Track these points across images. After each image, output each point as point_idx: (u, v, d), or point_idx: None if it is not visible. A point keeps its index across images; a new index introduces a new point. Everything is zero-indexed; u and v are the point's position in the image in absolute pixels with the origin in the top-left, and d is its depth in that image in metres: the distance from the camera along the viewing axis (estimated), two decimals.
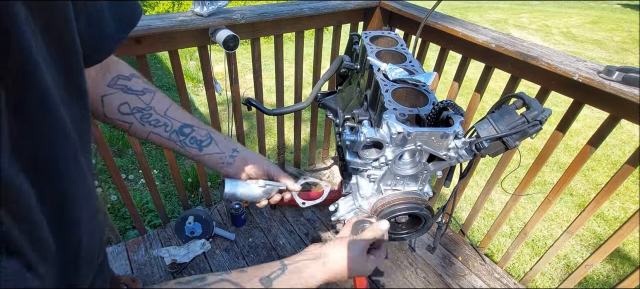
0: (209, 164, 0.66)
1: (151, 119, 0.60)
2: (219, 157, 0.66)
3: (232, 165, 0.67)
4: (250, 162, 0.69)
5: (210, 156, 0.65)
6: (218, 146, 0.66)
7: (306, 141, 2.69)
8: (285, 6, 1.43)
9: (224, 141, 0.67)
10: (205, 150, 0.65)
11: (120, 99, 0.58)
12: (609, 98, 1.02)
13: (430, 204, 0.92)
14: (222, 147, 0.67)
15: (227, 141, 0.68)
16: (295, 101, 1.80)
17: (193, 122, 0.65)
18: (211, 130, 0.66)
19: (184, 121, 0.64)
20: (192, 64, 4.43)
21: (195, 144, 0.64)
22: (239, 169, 0.68)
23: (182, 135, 0.63)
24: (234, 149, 0.68)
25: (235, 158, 0.68)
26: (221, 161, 0.66)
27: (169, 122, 0.62)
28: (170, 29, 1.16)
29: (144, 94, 0.60)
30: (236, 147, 0.69)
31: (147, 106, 0.60)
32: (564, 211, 2.55)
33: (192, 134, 0.64)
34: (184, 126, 0.63)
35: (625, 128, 3.55)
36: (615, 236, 1.19)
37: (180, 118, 0.63)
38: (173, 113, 0.63)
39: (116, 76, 0.58)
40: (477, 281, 1.60)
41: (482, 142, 0.80)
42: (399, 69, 0.93)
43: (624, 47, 6.19)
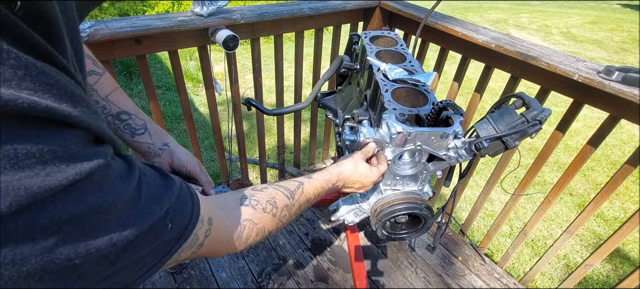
0: (138, 151, 0.70)
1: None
2: (147, 147, 0.70)
3: (159, 157, 0.71)
4: (176, 159, 0.72)
5: (140, 145, 0.69)
6: (151, 137, 0.69)
7: (306, 141, 2.69)
8: (285, 6, 1.43)
9: (158, 133, 0.71)
10: (137, 138, 0.68)
11: None
12: (608, 98, 1.02)
13: (430, 204, 0.92)
14: (154, 139, 0.70)
15: (160, 133, 0.71)
16: (295, 101, 1.80)
17: (132, 111, 0.67)
18: (150, 122, 0.70)
19: (123, 107, 0.66)
20: (192, 64, 4.43)
21: (129, 130, 0.67)
22: (164, 161, 0.71)
23: (118, 120, 0.66)
24: (165, 143, 0.72)
25: (163, 151, 0.71)
26: (149, 151, 0.70)
27: (108, 106, 0.65)
28: (170, 29, 1.16)
29: (90, 76, 0.63)
30: (168, 141, 0.72)
31: (90, 87, 0.62)
32: (563, 211, 2.55)
33: (128, 121, 0.67)
34: (122, 113, 0.66)
35: (625, 128, 3.55)
36: (615, 236, 1.19)
37: (120, 104, 0.66)
38: (115, 98, 0.66)
39: None
40: (477, 281, 1.60)
41: (482, 142, 0.80)
42: (399, 69, 0.93)
43: (624, 47, 6.20)
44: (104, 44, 1.12)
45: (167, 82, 3.91)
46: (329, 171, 0.72)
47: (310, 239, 1.74)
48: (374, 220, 0.93)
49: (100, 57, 1.17)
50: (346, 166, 0.75)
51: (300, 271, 1.60)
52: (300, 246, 1.71)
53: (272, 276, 1.57)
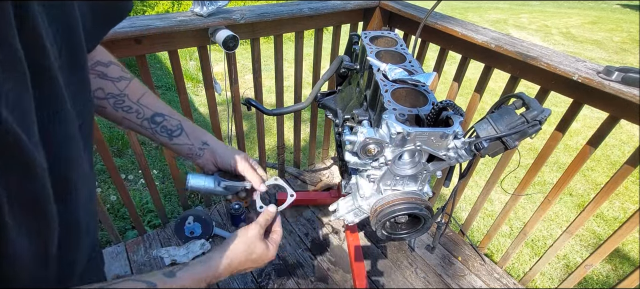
0: (179, 153, 0.68)
1: (124, 106, 0.62)
2: (188, 149, 0.67)
3: (201, 157, 0.68)
4: (218, 157, 0.69)
5: (180, 147, 0.67)
6: (188, 137, 0.67)
7: (306, 141, 2.69)
8: (285, 6, 1.43)
9: (195, 132, 0.68)
10: (175, 140, 0.66)
11: (96, 84, 0.59)
12: (608, 98, 1.02)
13: (429, 204, 0.92)
14: (192, 139, 0.67)
15: (198, 132, 0.69)
16: (295, 101, 1.80)
17: (165, 111, 0.66)
18: (183, 120, 0.68)
19: (156, 109, 0.65)
20: (192, 64, 4.43)
21: (166, 133, 0.65)
22: (208, 161, 0.69)
23: (153, 123, 0.64)
24: (204, 141, 0.69)
25: (204, 151, 0.68)
26: (190, 153, 0.68)
27: (141, 110, 0.63)
28: (170, 29, 1.16)
29: (120, 81, 0.62)
30: (206, 139, 0.69)
31: (121, 92, 0.61)
32: (563, 211, 2.55)
33: (163, 123, 0.65)
34: (156, 115, 0.65)
35: (625, 128, 3.55)
36: (615, 236, 1.19)
37: (152, 106, 0.64)
38: (146, 101, 0.64)
39: (95, 62, 0.60)
40: (477, 281, 1.60)
41: (482, 142, 0.80)
42: (399, 69, 0.93)
43: (624, 47, 6.20)
44: (104, 44, 1.11)
45: (167, 82, 3.91)
46: (208, 264, 0.53)
47: (310, 239, 1.74)
48: (373, 220, 0.93)
49: None
50: (237, 253, 0.58)
51: (300, 271, 1.60)
52: (300, 246, 1.71)
53: (272, 276, 1.57)
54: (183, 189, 0.78)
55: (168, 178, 2.52)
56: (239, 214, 1.72)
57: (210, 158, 0.69)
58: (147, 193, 2.26)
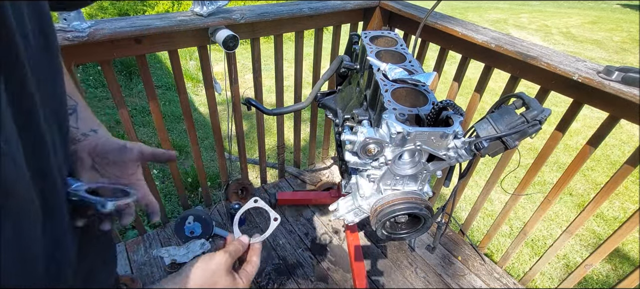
0: None
1: None
2: (70, 132, 0.53)
3: (79, 144, 0.54)
4: (100, 151, 0.54)
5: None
6: (77, 121, 0.55)
7: (306, 140, 2.69)
8: (285, 6, 1.43)
9: (88, 120, 0.56)
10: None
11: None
12: (608, 98, 1.02)
13: (429, 204, 0.92)
14: (80, 124, 0.55)
15: (92, 121, 0.57)
16: (295, 101, 1.80)
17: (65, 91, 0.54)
18: (82, 104, 0.56)
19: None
20: (192, 63, 4.43)
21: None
22: (84, 150, 0.54)
23: None
24: (93, 129, 0.56)
25: (87, 137, 0.54)
26: (71, 136, 0.53)
27: None
28: (170, 29, 1.16)
29: None
30: (96, 129, 0.56)
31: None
32: (563, 211, 2.55)
33: None
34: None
35: (625, 128, 3.55)
36: (615, 236, 1.19)
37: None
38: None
39: None
40: (477, 280, 1.60)
41: (482, 142, 0.80)
42: (399, 69, 0.93)
43: (624, 47, 6.20)
44: (104, 44, 1.12)
45: (167, 82, 3.91)
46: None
47: (310, 239, 1.74)
48: (373, 220, 0.93)
49: (100, 57, 1.18)
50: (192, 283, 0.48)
51: (300, 271, 1.60)
52: (300, 246, 1.71)
53: (272, 276, 1.57)
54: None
55: (168, 178, 2.52)
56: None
57: (88, 146, 0.54)
58: None
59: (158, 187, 2.21)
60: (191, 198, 2.30)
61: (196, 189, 2.36)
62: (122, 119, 1.35)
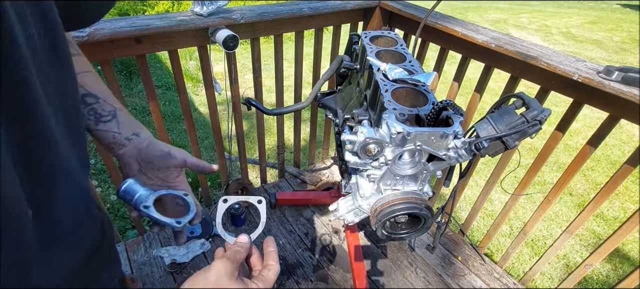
0: (102, 142, 0.57)
1: None
2: (112, 137, 0.56)
3: (125, 147, 0.57)
4: (145, 157, 0.57)
5: (105, 134, 0.56)
6: (118, 125, 0.57)
7: (306, 140, 2.69)
8: (285, 6, 1.43)
9: (129, 123, 0.58)
10: (101, 126, 0.56)
11: None
12: (608, 98, 1.02)
13: (429, 204, 0.92)
14: (122, 128, 0.57)
15: (132, 123, 0.58)
16: (295, 101, 1.80)
17: (101, 95, 0.57)
18: (121, 108, 0.58)
19: (90, 90, 0.56)
20: (192, 63, 4.43)
21: (93, 116, 0.56)
22: (130, 155, 0.57)
23: (83, 104, 0.55)
24: (136, 133, 0.57)
25: (131, 141, 0.57)
26: (114, 142, 0.57)
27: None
28: (170, 29, 1.16)
29: None
30: (139, 132, 0.58)
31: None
32: (563, 211, 2.55)
33: (93, 105, 0.56)
34: (88, 95, 0.55)
35: (625, 128, 3.55)
36: (615, 236, 1.19)
37: (88, 86, 0.56)
38: (82, 79, 0.55)
39: None
40: (477, 280, 1.60)
41: (482, 142, 0.80)
42: (399, 69, 0.93)
43: (624, 47, 6.20)
44: (104, 44, 1.12)
45: (167, 82, 3.91)
46: None
47: (310, 239, 1.74)
48: (373, 220, 0.93)
49: (100, 57, 1.18)
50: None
51: (300, 271, 1.60)
52: (300, 246, 1.71)
53: None
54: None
55: None
56: (239, 214, 1.72)
57: (133, 151, 0.57)
58: None
59: None
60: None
61: (196, 189, 2.36)
62: None
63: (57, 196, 0.37)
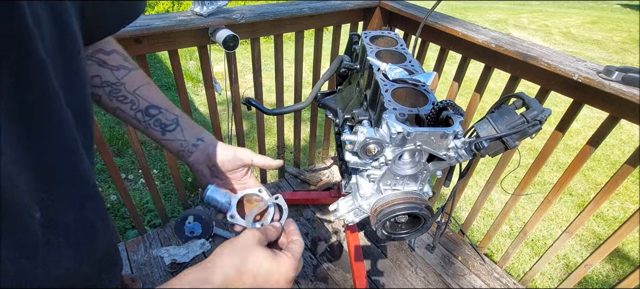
0: (171, 150, 0.61)
1: (119, 95, 0.57)
2: (179, 145, 0.60)
3: (192, 154, 0.60)
4: (215, 161, 0.60)
5: (171, 143, 0.60)
6: (183, 132, 0.60)
7: (306, 140, 2.69)
8: (285, 6, 1.43)
9: (191, 129, 0.61)
10: (168, 135, 0.59)
11: (93, 71, 0.56)
12: (608, 98, 1.02)
13: (429, 204, 0.92)
14: (187, 135, 0.60)
15: (195, 129, 0.62)
16: (295, 101, 1.80)
17: (162, 104, 0.60)
18: (181, 115, 0.61)
19: (152, 101, 0.59)
20: (192, 63, 4.43)
21: (159, 127, 0.59)
22: (199, 161, 0.60)
23: (147, 116, 0.58)
24: (200, 138, 0.61)
25: (197, 147, 0.60)
26: (181, 149, 0.60)
27: (136, 101, 0.58)
28: (170, 29, 1.16)
29: (118, 70, 0.58)
30: (202, 136, 0.61)
31: (118, 81, 0.57)
32: (563, 211, 2.55)
33: (157, 116, 0.59)
34: (151, 107, 0.59)
35: (625, 128, 3.55)
36: (615, 236, 1.19)
37: (149, 98, 0.59)
38: (143, 92, 0.59)
39: (97, 49, 0.57)
40: (477, 280, 1.60)
41: (482, 142, 0.80)
42: (399, 69, 0.93)
43: (624, 47, 6.20)
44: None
45: (167, 81, 3.91)
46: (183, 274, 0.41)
47: (310, 239, 1.74)
48: (373, 220, 0.93)
49: None
50: (225, 268, 0.42)
51: (300, 271, 1.60)
52: None
53: None
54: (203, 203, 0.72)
55: (168, 178, 2.52)
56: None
57: (201, 157, 0.60)
58: (147, 193, 2.27)
59: (158, 187, 2.21)
60: (191, 198, 2.30)
61: (196, 189, 2.36)
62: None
63: (70, 195, 0.38)
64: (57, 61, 0.34)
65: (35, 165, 0.31)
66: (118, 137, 2.83)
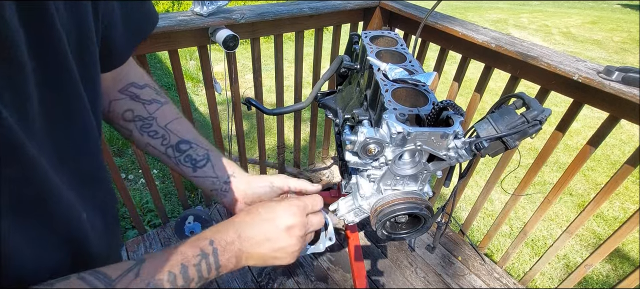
0: (202, 187, 0.60)
1: (150, 130, 0.57)
2: (211, 183, 0.59)
3: (227, 195, 0.59)
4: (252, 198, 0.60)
5: (203, 180, 0.59)
6: (214, 169, 0.59)
7: (306, 140, 2.69)
8: (285, 6, 1.43)
9: (222, 164, 0.60)
10: (199, 172, 0.58)
11: (126, 105, 0.57)
12: (608, 98, 1.02)
13: (430, 204, 0.92)
14: (218, 171, 0.59)
15: (225, 163, 0.61)
16: (295, 101, 1.80)
17: (193, 139, 0.59)
18: (212, 149, 0.60)
19: (183, 136, 0.59)
20: (192, 63, 4.43)
21: (190, 163, 0.58)
22: (237, 207, 0.60)
23: (178, 151, 0.58)
24: (231, 174, 0.60)
25: (229, 186, 0.60)
26: (214, 188, 0.59)
27: (167, 136, 0.58)
28: (170, 29, 1.16)
29: (151, 104, 0.58)
30: (233, 172, 0.60)
31: (149, 115, 0.57)
32: (563, 211, 2.55)
33: (188, 152, 0.58)
34: (182, 142, 0.58)
35: (625, 128, 3.55)
36: (615, 236, 1.19)
37: (180, 133, 0.58)
38: (174, 127, 0.58)
39: (130, 83, 0.58)
40: (477, 280, 1.60)
41: (482, 142, 0.80)
42: (399, 69, 0.93)
43: (624, 47, 6.20)
44: None
45: (167, 81, 3.91)
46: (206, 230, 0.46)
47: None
48: (373, 220, 0.93)
49: None
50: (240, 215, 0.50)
51: (300, 271, 1.60)
52: None
53: (272, 276, 1.57)
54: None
55: (168, 178, 2.52)
56: None
57: (238, 195, 0.59)
58: (147, 193, 2.26)
59: (158, 187, 2.21)
60: (191, 198, 2.30)
61: (196, 189, 2.36)
62: None
63: (97, 197, 0.41)
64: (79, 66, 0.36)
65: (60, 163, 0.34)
66: (118, 137, 2.83)
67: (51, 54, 0.30)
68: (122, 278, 0.36)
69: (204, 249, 0.42)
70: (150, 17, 0.52)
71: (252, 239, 0.46)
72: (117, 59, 0.50)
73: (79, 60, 0.35)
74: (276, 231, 0.48)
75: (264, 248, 0.47)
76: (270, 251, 0.47)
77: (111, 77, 0.55)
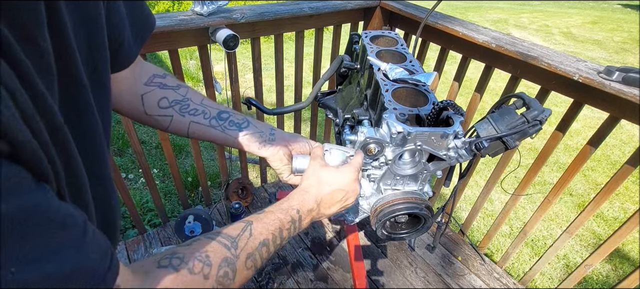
0: (249, 145, 0.67)
1: (190, 109, 0.63)
2: (260, 135, 0.68)
3: (274, 142, 0.69)
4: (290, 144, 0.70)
5: (251, 136, 0.67)
6: (256, 126, 0.68)
7: None
8: (285, 6, 1.43)
9: (260, 122, 0.70)
10: (245, 131, 0.66)
11: (158, 94, 0.61)
12: (609, 98, 1.02)
13: (430, 204, 0.92)
14: (261, 127, 0.69)
15: (261, 121, 0.71)
16: (295, 101, 1.80)
17: (228, 109, 0.68)
18: (250, 118, 0.70)
19: (219, 107, 0.67)
20: (192, 63, 4.43)
21: (235, 126, 0.66)
22: (281, 146, 0.69)
23: (221, 120, 0.65)
24: (271, 128, 0.70)
25: (275, 135, 0.69)
26: (263, 139, 0.68)
27: (207, 110, 0.65)
28: (170, 28, 1.16)
29: (180, 88, 0.64)
30: (271, 126, 0.71)
31: (184, 97, 0.63)
32: (563, 211, 2.55)
33: (230, 118, 0.66)
34: (221, 112, 0.66)
35: (625, 128, 3.55)
36: (615, 236, 1.19)
37: (216, 106, 0.66)
38: (208, 102, 0.66)
39: (152, 75, 0.62)
40: (477, 280, 1.60)
41: (482, 142, 0.80)
42: (399, 69, 0.93)
43: (624, 47, 6.20)
44: None
45: None
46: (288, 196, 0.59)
47: (310, 239, 1.75)
48: (374, 220, 0.93)
49: None
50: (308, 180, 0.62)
51: (300, 270, 1.60)
52: (300, 245, 1.71)
53: (272, 276, 1.57)
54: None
55: (168, 177, 2.52)
56: (239, 214, 1.72)
57: (282, 143, 0.69)
58: (147, 192, 2.27)
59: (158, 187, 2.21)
60: (191, 197, 2.31)
61: (196, 188, 2.36)
62: (123, 118, 1.35)
63: (106, 194, 0.43)
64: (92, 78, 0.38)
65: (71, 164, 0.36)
66: (118, 136, 2.83)
67: (64, 62, 0.32)
68: (240, 236, 0.49)
69: (293, 217, 0.56)
70: (150, 17, 0.55)
71: (327, 203, 0.61)
72: (127, 59, 0.53)
73: (90, 68, 0.37)
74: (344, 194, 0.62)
75: (335, 208, 0.62)
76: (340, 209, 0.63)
77: (131, 75, 0.58)
